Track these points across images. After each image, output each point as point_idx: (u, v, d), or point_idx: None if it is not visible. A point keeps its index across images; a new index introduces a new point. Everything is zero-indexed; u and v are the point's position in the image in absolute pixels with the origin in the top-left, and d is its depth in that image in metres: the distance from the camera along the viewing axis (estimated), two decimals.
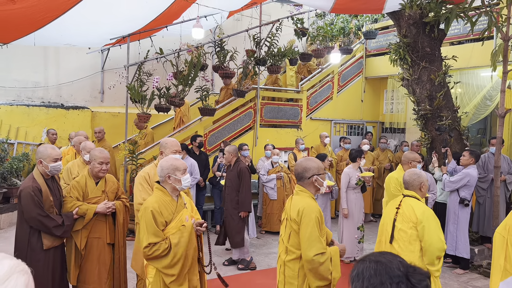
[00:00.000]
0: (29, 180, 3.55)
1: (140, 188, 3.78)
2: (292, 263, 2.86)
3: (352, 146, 8.83)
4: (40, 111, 8.67)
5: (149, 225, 2.88)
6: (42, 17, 6.01)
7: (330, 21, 9.62)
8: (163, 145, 3.88)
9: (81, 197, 3.78)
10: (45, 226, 3.46)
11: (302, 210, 2.80)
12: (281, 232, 3.06)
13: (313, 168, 2.93)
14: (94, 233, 3.79)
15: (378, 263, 1.29)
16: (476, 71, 8.48)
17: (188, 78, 7.33)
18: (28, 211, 3.42)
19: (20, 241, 3.52)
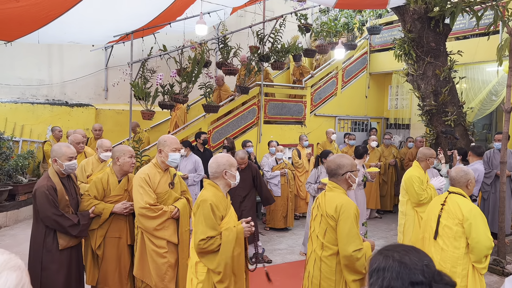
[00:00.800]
0: (44, 179, 3.48)
1: (141, 191, 3.49)
2: (329, 259, 2.89)
3: (357, 142, 8.80)
4: (45, 108, 8.70)
5: (208, 218, 2.80)
6: (46, 14, 6.01)
7: (334, 17, 9.56)
8: (161, 143, 3.66)
9: (100, 194, 3.68)
10: (61, 225, 3.39)
11: (340, 206, 2.84)
12: (313, 228, 3.07)
13: (347, 165, 2.98)
14: (114, 232, 3.69)
15: (402, 264, 1.23)
16: (481, 66, 8.41)
17: (191, 75, 7.32)
18: (43, 210, 3.35)
19: (35, 241, 3.44)
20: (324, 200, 2.99)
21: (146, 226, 3.45)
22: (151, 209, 3.44)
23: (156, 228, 3.46)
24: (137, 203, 3.48)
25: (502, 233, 5.84)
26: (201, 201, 2.87)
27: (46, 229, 3.40)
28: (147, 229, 3.46)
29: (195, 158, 6.84)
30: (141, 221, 3.45)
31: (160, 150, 3.63)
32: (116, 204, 3.68)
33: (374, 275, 1.25)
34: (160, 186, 3.58)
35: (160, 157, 3.63)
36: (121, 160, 3.70)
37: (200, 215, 2.83)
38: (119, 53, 9.59)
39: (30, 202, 7.77)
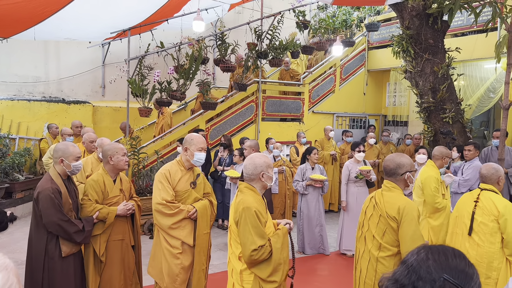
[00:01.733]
0: (46, 181, 3.28)
1: (160, 187, 3.37)
2: (386, 259, 2.86)
3: (354, 139, 8.79)
4: (41, 106, 8.65)
5: (256, 226, 2.61)
6: (42, 11, 5.97)
7: (332, 14, 9.54)
8: (188, 141, 3.47)
9: (100, 198, 3.51)
10: (66, 231, 3.21)
11: (403, 208, 2.80)
12: (367, 227, 3.01)
13: (407, 164, 2.94)
14: (117, 235, 3.55)
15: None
16: (479, 63, 8.41)
17: (189, 71, 7.29)
18: (48, 215, 3.16)
19: (36, 248, 3.24)
20: (383, 200, 2.94)
21: (161, 223, 3.34)
22: (167, 206, 3.32)
23: (172, 226, 3.33)
24: (154, 198, 3.37)
25: None
26: (244, 209, 2.66)
27: (48, 235, 3.22)
28: (162, 226, 3.36)
29: None
30: (156, 217, 3.35)
31: (186, 148, 3.47)
32: (116, 205, 3.55)
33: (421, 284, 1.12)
34: (181, 184, 3.45)
35: (185, 155, 3.49)
36: (114, 159, 3.54)
37: (247, 224, 2.63)
38: (116, 50, 9.54)
39: (27, 199, 7.74)
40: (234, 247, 2.77)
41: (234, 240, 2.77)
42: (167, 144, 8.02)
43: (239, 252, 2.70)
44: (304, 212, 6.13)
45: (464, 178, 5.68)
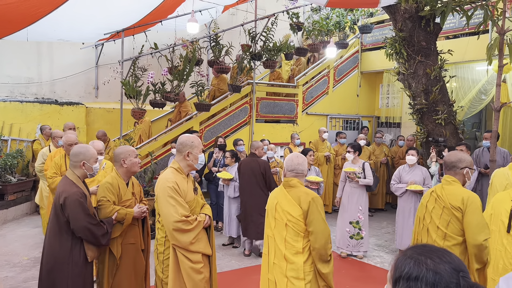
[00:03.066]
0: (70, 185, 3.18)
1: (172, 202, 3.04)
2: (452, 248, 3.03)
3: (348, 141, 8.82)
4: (34, 107, 8.60)
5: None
6: (35, 12, 5.94)
7: (326, 16, 9.58)
8: (189, 145, 3.22)
9: (116, 201, 3.43)
10: (94, 235, 3.14)
11: (467, 198, 3.02)
12: (429, 220, 3.22)
13: (467, 160, 3.18)
14: (129, 239, 3.46)
15: (437, 275, 1.11)
16: (471, 65, 8.49)
17: (183, 73, 7.29)
18: (77, 220, 3.08)
19: (58, 256, 3.11)
20: (445, 193, 3.16)
21: (181, 241, 3.05)
22: (187, 222, 3.05)
23: (192, 241, 3.08)
24: (170, 217, 3.02)
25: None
26: (314, 198, 2.93)
27: (72, 241, 3.13)
28: (182, 245, 3.07)
29: None
30: (175, 237, 3.04)
31: (188, 152, 3.22)
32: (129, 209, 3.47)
33: (403, 282, 1.14)
34: (189, 194, 3.21)
35: (186, 161, 3.24)
36: (127, 162, 3.45)
37: (320, 214, 2.89)
38: (109, 51, 9.51)
39: (19, 201, 7.68)
40: (293, 242, 2.90)
41: (294, 235, 2.89)
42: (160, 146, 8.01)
43: (301, 246, 2.87)
44: None
45: None
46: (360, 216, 5.93)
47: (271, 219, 3.05)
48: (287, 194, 2.98)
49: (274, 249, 3.01)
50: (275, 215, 3.02)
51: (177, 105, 8.62)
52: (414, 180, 5.84)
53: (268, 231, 3.10)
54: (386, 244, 6.76)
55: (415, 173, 5.93)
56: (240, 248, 6.39)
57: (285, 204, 2.96)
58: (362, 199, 6.00)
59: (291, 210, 2.92)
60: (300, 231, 2.89)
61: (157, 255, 3.32)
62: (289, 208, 2.93)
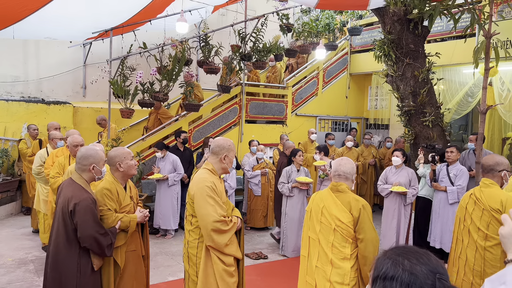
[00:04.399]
0: (79, 190, 3.03)
1: (212, 202, 2.95)
2: (494, 248, 3.23)
3: (336, 142, 8.87)
4: (20, 106, 8.46)
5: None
6: (22, 9, 5.85)
7: (316, 17, 9.61)
8: (226, 148, 3.12)
9: (117, 207, 3.25)
10: (100, 245, 2.99)
11: (505, 201, 3.19)
12: (469, 221, 3.37)
13: (505, 163, 3.31)
14: (130, 246, 3.32)
15: (412, 276, 1.12)
16: (458, 68, 8.59)
17: (172, 73, 7.24)
18: (85, 228, 2.93)
19: (66, 265, 2.98)
20: (483, 195, 3.32)
21: (218, 243, 2.95)
22: (225, 222, 2.98)
23: (227, 243, 3.00)
24: (210, 217, 2.92)
25: None
26: (365, 205, 2.96)
27: (80, 249, 2.99)
28: (218, 246, 2.97)
29: (173, 157, 6.78)
30: (213, 237, 2.94)
31: (225, 156, 3.12)
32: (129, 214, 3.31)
33: (380, 282, 1.15)
34: (223, 196, 3.13)
35: (221, 164, 3.14)
36: (123, 165, 3.27)
37: (370, 220, 2.95)
38: (97, 50, 9.41)
39: (4, 202, 7.56)
40: (341, 248, 2.89)
41: (342, 241, 2.89)
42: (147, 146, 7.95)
43: (349, 252, 2.88)
44: (289, 214, 6.13)
45: (462, 186, 5.66)
46: None
47: (316, 223, 3.03)
48: (336, 199, 2.98)
49: (318, 252, 2.98)
50: (321, 219, 3.00)
51: (152, 112, 8.41)
52: (399, 181, 5.89)
53: (311, 234, 3.07)
54: None
55: (401, 174, 5.98)
56: None
57: (333, 209, 2.95)
58: None
59: (340, 216, 2.92)
60: (349, 237, 2.89)
61: (189, 259, 3.13)
62: (338, 214, 2.93)
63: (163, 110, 8.33)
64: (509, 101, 7.63)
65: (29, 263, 5.48)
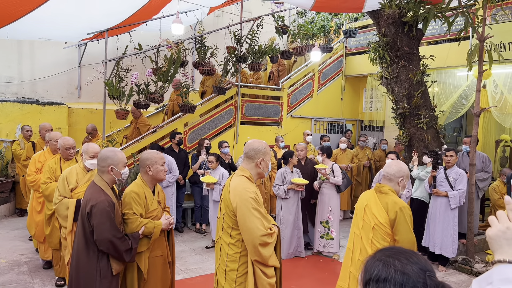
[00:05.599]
0: (97, 192, 2.97)
1: (258, 215, 2.75)
2: None
3: (332, 144, 8.89)
4: (14, 107, 8.42)
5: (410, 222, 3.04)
6: (16, 9, 5.83)
7: (311, 19, 9.65)
8: (262, 151, 2.91)
9: (143, 212, 3.16)
10: (117, 250, 2.92)
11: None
12: None
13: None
14: (156, 251, 3.23)
15: (404, 276, 1.13)
16: (452, 70, 8.65)
17: (167, 74, 7.24)
18: (102, 231, 2.86)
19: (85, 268, 2.93)
20: None
21: (264, 256, 2.77)
22: (270, 235, 2.81)
23: (271, 255, 2.83)
24: (257, 231, 2.72)
25: (470, 233, 6.02)
26: (402, 207, 3.03)
27: (98, 252, 2.93)
28: (264, 259, 2.79)
29: (168, 158, 6.78)
30: (260, 252, 2.74)
31: (261, 160, 2.91)
32: (156, 219, 3.22)
33: (373, 285, 1.16)
34: (262, 204, 2.94)
35: (258, 169, 2.94)
36: (153, 169, 3.19)
37: (407, 223, 3.02)
38: (93, 51, 9.39)
39: None
40: (378, 245, 3.05)
41: (380, 238, 3.07)
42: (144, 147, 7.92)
43: None
44: (285, 216, 6.12)
45: (463, 190, 5.69)
46: (330, 216, 6.14)
47: (359, 219, 3.25)
48: (377, 200, 3.15)
49: (360, 247, 3.20)
50: (364, 217, 3.20)
51: (132, 121, 8.19)
52: None
53: (355, 229, 3.30)
54: None
55: None
56: None
57: (374, 208, 3.14)
58: (332, 200, 6.19)
59: (378, 215, 3.09)
60: (386, 236, 3.05)
61: (226, 273, 2.92)
62: (377, 213, 3.11)
63: (142, 119, 8.09)
64: (502, 103, 7.70)
65: (23, 264, 5.45)
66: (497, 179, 7.59)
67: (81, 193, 4.00)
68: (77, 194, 4.09)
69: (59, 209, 4.10)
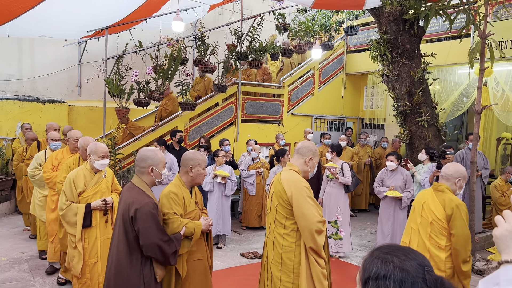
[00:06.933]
0: (140, 194, 2.82)
1: (312, 203, 2.92)
2: None
3: (333, 141, 8.87)
4: (14, 104, 8.41)
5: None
6: (16, 7, 5.81)
7: (312, 17, 9.62)
8: (312, 151, 3.12)
9: (183, 213, 3.03)
10: (164, 254, 2.76)
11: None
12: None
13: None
14: (196, 254, 3.08)
15: (404, 272, 1.14)
16: (453, 68, 8.63)
17: (168, 72, 7.22)
18: (148, 235, 2.71)
19: (128, 277, 2.74)
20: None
21: (318, 244, 2.88)
22: (324, 222, 2.95)
23: (323, 245, 2.94)
24: (314, 217, 2.86)
25: (472, 231, 6.00)
26: (459, 204, 3.27)
27: (142, 258, 2.77)
28: (318, 248, 2.90)
29: (170, 157, 6.76)
30: (315, 239, 2.86)
31: (310, 158, 3.10)
32: (195, 220, 3.08)
33: (372, 282, 1.16)
34: None
35: (305, 166, 3.11)
36: (194, 171, 3.07)
37: (463, 219, 3.25)
38: (93, 48, 9.36)
39: None
40: (437, 239, 3.31)
41: (438, 233, 3.31)
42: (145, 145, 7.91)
43: (444, 243, 3.28)
44: None
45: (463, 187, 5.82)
46: (338, 216, 6.02)
47: (417, 215, 3.47)
48: (435, 197, 3.39)
49: (417, 241, 3.43)
50: (422, 213, 3.43)
51: (120, 126, 8.05)
52: (394, 185, 5.89)
53: (412, 225, 3.52)
54: (369, 244, 6.81)
55: (396, 178, 5.96)
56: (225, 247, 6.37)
57: (431, 205, 3.38)
58: (340, 199, 6.11)
59: (436, 211, 3.34)
60: (443, 230, 3.29)
61: (282, 265, 2.98)
62: (434, 209, 3.35)
63: (131, 124, 8.01)
64: (504, 101, 7.68)
65: (23, 262, 5.45)
66: (498, 177, 7.58)
67: (90, 196, 3.85)
68: (85, 199, 3.86)
69: (66, 215, 3.82)
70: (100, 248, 3.82)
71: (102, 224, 3.88)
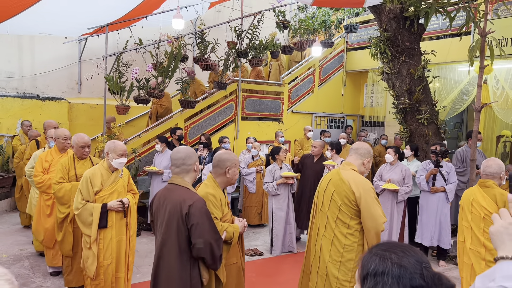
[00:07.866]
0: (188, 192, 2.67)
1: (378, 203, 3.04)
2: None
3: (333, 139, 8.88)
4: (15, 102, 8.41)
5: None
6: (16, 4, 5.81)
7: (312, 14, 9.61)
8: (370, 153, 3.26)
9: (222, 216, 2.93)
10: (214, 256, 2.61)
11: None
12: None
13: None
14: (231, 258, 3.00)
15: (402, 268, 1.15)
16: (453, 66, 8.63)
17: (168, 69, 7.22)
18: (202, 232, 2.55)
19: (179, 279, 2.61)
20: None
21: None
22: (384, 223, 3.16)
23: None
24: (380, 218, 2.98)
25: None
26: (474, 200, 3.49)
27: (190, 259, 2.63)
28: None
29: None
30: (380, 239, 2.99)
31: (368, 160, 3.23)
32: (234, 225, 2.99)
33: (371, 279, 1.17)
34: None
35: (362, 167, 3.22)
36: (231, 172, 2.96)
37: None
38: (93, 46, 9.36)
39: None
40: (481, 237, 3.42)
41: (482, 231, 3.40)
42: (146, 141, 7.94)
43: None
44: (277, 213, 6.10)
45: (456, 182, 5.96)
46: None
47: (467, 213, 3.58)
48: (484, 193, 3.50)
49: (471, 237, 3.52)
50: (472, 210, 3.54)
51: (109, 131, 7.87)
52: (392, 178, 5.90)
53: (464, 223, 3.63)
54: None
55: (395, 172, 5.98)
56: None
57: (482, 201, 3.48)
58: None
59: (488, 206, 3.43)
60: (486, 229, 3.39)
61: (341, 264, 2.98)
62: (485, 205, 3.44)
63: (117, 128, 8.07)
64: (503, 99, 7.68)
65: (24, 259, 5.47)
66: None
67: (106, 196, 3.74)
68: (101, 198, 3.73)
69: (81, 215, 3.68)
70: (115, 250, 3.73)
71: (117, 225, 3.78)
